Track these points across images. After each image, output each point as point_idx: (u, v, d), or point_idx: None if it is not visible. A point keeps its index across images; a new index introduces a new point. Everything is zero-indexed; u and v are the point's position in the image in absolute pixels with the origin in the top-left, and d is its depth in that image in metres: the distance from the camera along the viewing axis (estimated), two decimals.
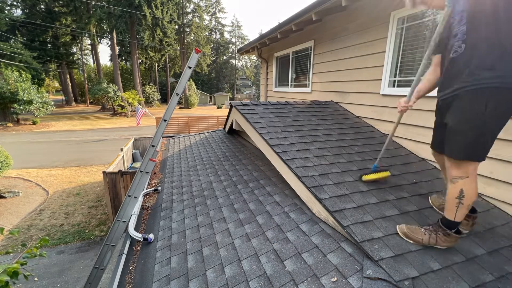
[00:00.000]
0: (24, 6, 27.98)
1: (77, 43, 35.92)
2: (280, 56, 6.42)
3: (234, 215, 2.42)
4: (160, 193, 3.50)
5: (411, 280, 1.41)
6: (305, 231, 1.94)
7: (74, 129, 19.32)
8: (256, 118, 3.23)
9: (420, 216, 1.92)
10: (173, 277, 1.83)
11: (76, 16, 28.32)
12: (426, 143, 2.72)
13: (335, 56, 4.16)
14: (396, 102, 2.03)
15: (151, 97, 34.72)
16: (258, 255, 1.81)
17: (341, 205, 1.94)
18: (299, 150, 2.64)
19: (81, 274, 4.83)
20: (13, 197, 7.91)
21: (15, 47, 23.81)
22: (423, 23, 2.76)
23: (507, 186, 2.04)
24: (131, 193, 2.41)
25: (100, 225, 6.60)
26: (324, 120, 3.46)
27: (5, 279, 1.28)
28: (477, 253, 1.62)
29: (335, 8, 3.59)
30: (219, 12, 44.87)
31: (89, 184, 9.13)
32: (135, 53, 31.54)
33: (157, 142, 2.47)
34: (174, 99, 2.52)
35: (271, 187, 2.78)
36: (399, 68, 3.08)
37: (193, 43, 36.41)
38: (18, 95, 17.93)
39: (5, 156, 7.88)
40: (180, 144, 6.11)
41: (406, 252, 1.59)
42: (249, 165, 3.59)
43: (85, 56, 42.49)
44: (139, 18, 28.08)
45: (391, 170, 2.48)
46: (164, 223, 2.67)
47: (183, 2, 33.27)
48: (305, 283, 1.49)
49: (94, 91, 26.98)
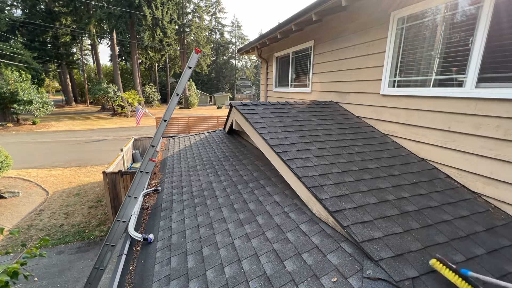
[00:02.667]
0: (24, 6, 27.99)
1: (77, 43, 35.93)
2: (280, 56, 6.42)
3: (234, 215, 2.41)
4: (160, 193, 3.49)
5: (411, 280, 1.41)
6: (305, 231, 1.94)
7: (74, 129, 19.32)
8: (256, 118, 3.23)
9: (420, 216, 1.92)
10: (173, 277, 1.83)
11: (76, 16, 28.36)
12: (426, 143, 2.73)
13: (335, 56, 4.16)
14: (396, 102, 2.03)
15: (151, 97, 34.72)
16: (258, 255, 1.81)
17: (341, 205, 1.94)
18: (299, 150, 2.64)
19: (81, 274, 4.83)
20: (13, 197, 7.91)
21: (15, 47, 23.81)
22: (423, 23, 2.76)
23: (507, 186, 2.04)
24: (131, 193, 2.41)
25: (100, 225, 6.60)
26: (324, 120, 3.46)
27: (5, 279, 1.28)
28: (477, 253, 1.62)
29: (335, 8, 3.59)
30: (219, 12, 44.87)
31: (89, 184, 9.13)
32: (135, 53, 31.55)
33: (157, 142, 2.47)
34: (174, 99, 2.53)
35: (271, 187, 2.78)
36: (399, 68, 3.08)
37: (193, 43, 36.41)
38: (18, 95, 17.94)
39: (5, 156, 7.88)
40: (180, 144, 6.11)
41: (406, 252, 1.59)
42: (249, 165, 3.59)
43: (85, 56, 42.52)
44: (139, 18, 28.08)
45: (391, 170, 2.48)
46: (164, 223, 2.66)
47: (183, 2, 33.27)
48: (305, 283, 1.49)
49: (94, 91, 26.99)
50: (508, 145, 2.03)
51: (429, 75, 2.72)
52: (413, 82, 2.93)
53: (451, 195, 2.23)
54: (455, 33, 2.45)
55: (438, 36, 2.61)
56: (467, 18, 2.33)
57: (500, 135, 2.08)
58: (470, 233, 1.79)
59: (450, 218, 1.93)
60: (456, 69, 2.46)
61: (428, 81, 2.72)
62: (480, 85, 2.22)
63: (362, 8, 3.46)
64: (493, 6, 2.07)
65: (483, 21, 2.14)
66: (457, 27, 2.43)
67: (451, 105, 2.44)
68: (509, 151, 2.02)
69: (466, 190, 2.32)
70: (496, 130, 2.10)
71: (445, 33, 2.54)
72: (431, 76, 2.70)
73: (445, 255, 1.58)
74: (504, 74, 2.10)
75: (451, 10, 2.47)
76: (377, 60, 3.29)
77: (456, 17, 2.45)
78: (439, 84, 2.62)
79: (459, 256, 1.59)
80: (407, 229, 1.78)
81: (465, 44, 2.34)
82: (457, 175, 2.44)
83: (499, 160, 2.09)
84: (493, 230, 1.85)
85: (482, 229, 1.85)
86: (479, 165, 2.24)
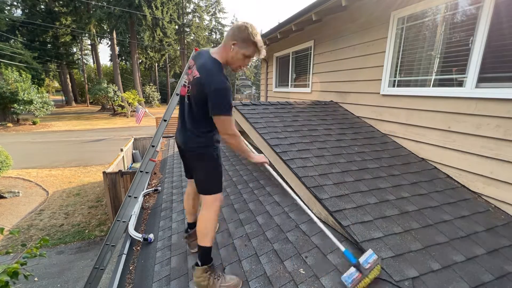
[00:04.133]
0: (24, 6, 27.94)
1: (77, 43, 35.88)
2: (280, 56, 6.42)
3: (234, 215, 2.41)
4: (160, 193, 3.49)
5: (411, 280, 1.41)
6: (305, 231, 1.94)
7: (74, 129, 19.31)
8: (256, 118, 3.23)
9: (420, 216, 1.92)
10: (173, 277, 1.83)
11: (76, 16, 28.31)
12: (426, 143, 2.72)
13: (335, 56, 4.15)
14: (396, 102, 2.03)
15: (151, 97, 34.68)
16: (258, 255, 1.81)
17: (341, 205, 1.94)
18: (299, 150, 2.64)
19: (81, 274, 4.83)
20: (13, 197, 7.90)
21: (15, 47, 23.77)
22: (424, 23, 2.76)
23: (507, 186, 2.04)
24: (131, 193, 2.40)
25: (100, 225, 6.60)
26: (324, 120, 3.46)
27: (5, 279, 1.27)
28: (477, 253, 1.62)
29: (335, 8, 3.59)
30: (219, 12, 44.79)
31: (89, 184, 9.12)
32: (135, 53, 31.51)
33: (157, 142, 2.47)
34: (174, 99, 2.52)
35: (271, 187, 2.78)
36: (399, 68, 3.08)
37: (193, 43, 36.37)
38: (18, 95, 17.91)
39: (5, 156, 7.88)
40: None
41: (406, 252, 1.59)
42: (249, 165, 3.59)
43: (85, 56, 42.46)
44: (139, 18, 28.05)
45: (391, 170, 2.48)
46: (164, 223, 2.66)
47: (183, 2, 33.24)
48: (305, 283, 1.49)
49: (94, 91, 26.96)
50: (508, 145, 2.02)
51: (429, 75, 2.72)
52: (413, 82, 2.93)
53: (451, 195, 2.23)
54: (455, 33, 2.45)
55: (438, 36, 2.61)
56: (467, 18, 2.33)
57: (500, 135, 2.07)
58: (470, 233, 1.79)
59: (450, 218, 1.93)
60: (456, 69, 2.46)
61: (428, 81, 2.72)
62: (480, 85, 2.22)
63: (362, 8, 3.46)
64: (493, 6, 2.07)
65: (483, 21, 2.14)
66: (457, 27, 2.43)
67: (451, 105, 2.44)
68: (509, 151, 2.02)
69: (466, 190, 2.32)
70: (496, 130, 2.10)
71: (445, 33, 2.54)
72: (431, 76, 2.69)
73: (445, 255, 1.58)
74: (504, 74, 2.10)
75: (451, 10, 2.47)
76: (377, 60, 3.29)
77: (456, 17, 2.45)
78: (439, 84, 2.62)
79: (459, 256, 1.59)
80: (407, 229, 1.78)
81: (465, 44, 2.34)
82: (457, 175, 2.44)
83: (499, 160, 2.08)
84: (493, 230, 1.85)
85: (482, 229, 1.85)
86: (479, 165, 2.23)
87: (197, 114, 1.58)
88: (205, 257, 1.62)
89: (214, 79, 1.47)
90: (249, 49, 1.57)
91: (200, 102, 1.52)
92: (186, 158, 1.82)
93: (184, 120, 1.68)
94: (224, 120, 1.52)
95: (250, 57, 1.60)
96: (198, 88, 1.51)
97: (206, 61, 1.55)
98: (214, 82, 1.46)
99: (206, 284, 1.58)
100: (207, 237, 1.61)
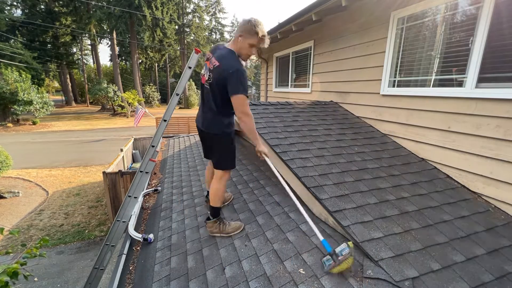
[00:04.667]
0: (24, 6, 27.94)
1: (77, 43, 35.88)
2: (280, 56, 6.42)
3: (234, 216, 2.41)
4: (160, 193, 3.49)
5: (411, 280, 1.41)
6: (305, 231, 1.94)
7: (74, 129, 19.31)
8: (256, 118, 3.22)
9: (420, 216, 1.92)
10: (173, 277, 1.83)
11: (76, 16, 28.31)
12: (426, 143, 2.72)
13: (335, 56, 4.16)
14: (396, 102, 2.04)
15: (151, 97, 34.68)
16: (258, 255, 1.81)
17: (341, 205, 1.94)
18: (299, 150, 2.64)
19: (81, 274, 4.83)
20: (13, 197, 7.90)
21: (15, 47, 23.76)
22: (423, 23, 2.76)
23: (507, 186, 2.04)
24: (131, 193, 2.40)
25: (100, 225, 6.60)
26: (324, 120, 3.46)
27: (5, 279, 1.27)
28: (477, 253, 1.62)
29: (335, 8, 3.59)
30: (219, 12, 44.79)
31: (89, 184, 9.12)
32: (135, 53, 31.52)
33: (157, 142, 2.47)
34: (174, 99, 2.52)
35: (271, 187, 2.78)
36: (399, 68, 3.08)
37: (193, 43, 36.36)
38: (18, 96, 17.90)
39: (5, 156, 7.87)
40: (180, 144, 6.11)
41: (406, 252, 1.59)
42: (249, 165, 3.59)
43: (85, 56, 42.45)
44: (139, 19, 28.05)
45: (391, 170, 2.48)
46: (164, 223, 2.66)
47: (183, 2, 33.24)
48: (305, 283, 1.49)
49: (94, 91, 26.96)
50: (508, 145, 2.03)
51: (429, 75, 2.72)
52: (413, 82, 2.93)
53: (451, 195, 2.23)
54: (455, 33, 2.45)
55: (438, 36, 2.61)
56: (467, 18, 2.33)
57: (500, 135, 2.08)
58: (470, 233, 1.79)
59: (450, 218, 1.93)
60: (456, 69, 2.46)
61: (428, 81, 2.72)
62: (480, 85, 2.22)
63: (362, 8, 3.46)
64: (493, 6, 2.07)
65: (483, 21, 2.14)
66: (457, 27, 2.43)
67: (451, 105, 2.44)
68: (509, 151, 2.02)
69: (466, 190, 2.32)
70: (496, 130, 2.10)
71: (445, 33, 2.54)
72: (431, 76, 2.70)
73: (445, 255, 1.58)
74: (504, 74, 2.10)
75: (451, 10, 2.47)
76: (377, 60, 3.29)
77: (456, 17, 2.45)
78: (439, 84, 2.62)
79: (459, 256, 1.59)
80: (407, 229, 1.78)
81: (465, 44, 2.34)
82: (457, 175, 2.44)
83: (499, 160, 2.09)
84: (493, 230, 1.85)
85: (482, 229, 1.85)
86: (479, 165, 2.24)
87: (217, 99, 1.89)
88: (215, 213, 2.11)
89: (231, 64, 1.80)
90: (253, 39, 1.85)
91: (220, 87, 1.83)
92: (205, 139, 2.18)
93: (204, 105, 2.01)
94: (241, 99, 1.79)
95: (254, 46, 1.89)
96: (218, 74, 1.82)
97: (223, 51, 1.89)
98: (231, 67, 1.78)
99: (217, 230, 2.10)
100: (216, 200, 2.09)
